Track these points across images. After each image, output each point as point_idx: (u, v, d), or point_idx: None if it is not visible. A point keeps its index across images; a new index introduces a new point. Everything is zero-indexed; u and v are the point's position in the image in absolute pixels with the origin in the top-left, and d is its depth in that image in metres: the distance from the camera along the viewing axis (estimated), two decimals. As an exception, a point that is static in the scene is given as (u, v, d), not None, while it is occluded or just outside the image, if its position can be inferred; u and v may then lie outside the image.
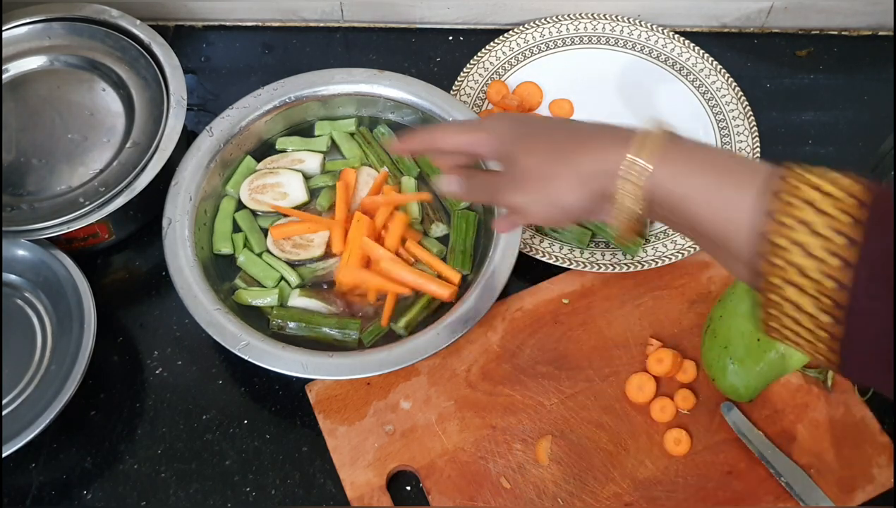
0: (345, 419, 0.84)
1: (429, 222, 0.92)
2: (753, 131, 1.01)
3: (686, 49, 1.08)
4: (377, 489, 0.80)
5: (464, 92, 1.04)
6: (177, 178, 0.89)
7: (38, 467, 0.83)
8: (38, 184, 0.91)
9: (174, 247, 0.85)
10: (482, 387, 0.86)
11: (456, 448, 0.83)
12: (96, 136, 0.95)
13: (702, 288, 0.93)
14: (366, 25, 1.14)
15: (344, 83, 0.97)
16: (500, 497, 0.80)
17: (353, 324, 0.85)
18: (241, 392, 0.87)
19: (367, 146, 0.97)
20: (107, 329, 0.89)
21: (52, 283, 0.86)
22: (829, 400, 0.86)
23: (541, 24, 1.10)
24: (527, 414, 0.85)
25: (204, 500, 0.82)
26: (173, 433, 0.85)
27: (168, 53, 0.97)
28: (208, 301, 0.82)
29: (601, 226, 0.93)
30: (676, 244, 0.94)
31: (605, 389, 0.86)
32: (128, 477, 0.83)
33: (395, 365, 0.80)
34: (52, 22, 0.99)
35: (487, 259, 0.86)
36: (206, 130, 0.92)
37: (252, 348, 0.80)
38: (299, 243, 0.90)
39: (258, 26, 1.14)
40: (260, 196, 0.92)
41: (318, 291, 0.88)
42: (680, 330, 0.90)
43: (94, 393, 0.86)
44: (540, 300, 0.91)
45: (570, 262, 0.92)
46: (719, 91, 1.05)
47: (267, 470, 0.83)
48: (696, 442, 0.83)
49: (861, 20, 1.14)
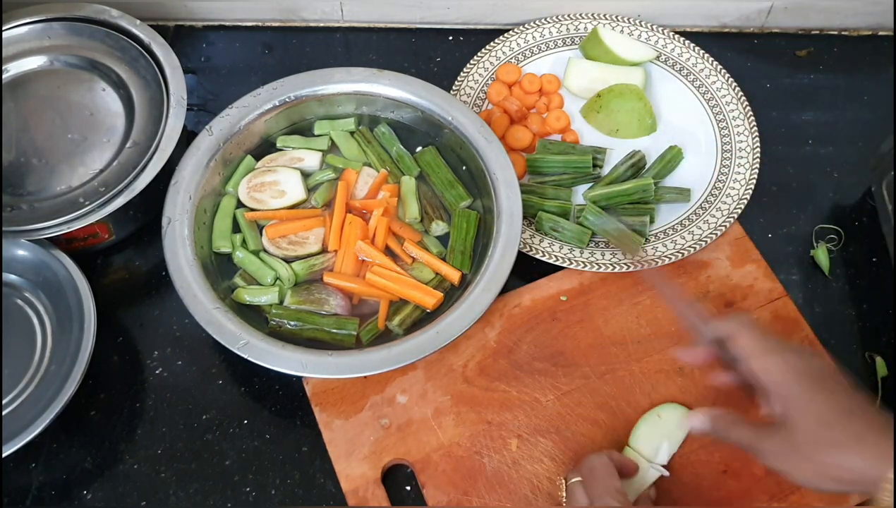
0: (341, 412, 0.84)
1: (429, 221, 0.93)
2: (754, 131, 1.01)
3: (686, 49, 1.08)
4: (372, 482, 0.81)
5: (464, 92, 1.04)
6: (176, 177, 0.89)
7: (38, 467, 0.83)
8: (38, 184, 0.92)
9: (174, 247, 0.85)
10: (479, 383, 0.86)
11: (451, 442, 0.83)
12: (96, 136, 0.95)
13: (700, 288, 0.93)
14: (366, 25, 1.14)
15: (343, 82, 0.97)
16: (494, 493, 0.81)
17: (352, 324, 0.85)
18: (241, 392, 0.88)
19: (367, 145, 0.97)
20: (107, 329, 0.89)
21: (52, 283, 0.86)
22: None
23: (541, 24, 1.10)
24: (523, 411, 0.85)
25: (204, 500, 0.82)
26: (173, 433, 0.85)
27: (168, 53, 0.97)
28: (208, 300, 0.82)
29: (602, 225, 0.93)
30: (676, 244, 0.94)
31: (601, 386, 0.86)
32: (128, 477, 0.83)
33: (394, 364, 0.80)
34: (52, 22, 0.99)
35: (487, 258, 0.86)
36: (205, 129, 0.92)
37: (252, 347, 0.80)
38: (295, 241, 0.90)
39: (258, 26, 1.14)
40: (258, 194, 0.92)
41: (310, 291, 0.88)
42: (677, 328, 0.90)
43: (94, 393, 0.86)
44: (538, 297, 0.92)
45: (570, 262, 0.92)
46: (719, 91, 1.05)
47: (267, 470, 0.83)
48: (690, 441, 0.83)
49: (861, 20, 1.14)
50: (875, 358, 0.90)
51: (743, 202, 0.96)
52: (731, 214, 0.95)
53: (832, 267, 0.96)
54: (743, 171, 0.98)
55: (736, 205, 0.96)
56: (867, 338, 0.92)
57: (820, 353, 0.80)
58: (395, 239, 0.91)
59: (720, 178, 0.99)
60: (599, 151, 1.00)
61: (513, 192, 0.89)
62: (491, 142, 0.92)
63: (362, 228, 0.90)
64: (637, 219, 0.94)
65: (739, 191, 0.97)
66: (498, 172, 0.90)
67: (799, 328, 0.90)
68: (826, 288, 0.95)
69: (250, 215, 0.92)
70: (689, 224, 0.96)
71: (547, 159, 0.98)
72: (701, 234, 0.94)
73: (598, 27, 1.06)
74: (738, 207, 0.96)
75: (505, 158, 0.91)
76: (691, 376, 0.87)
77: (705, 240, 0.93)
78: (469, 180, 0.95)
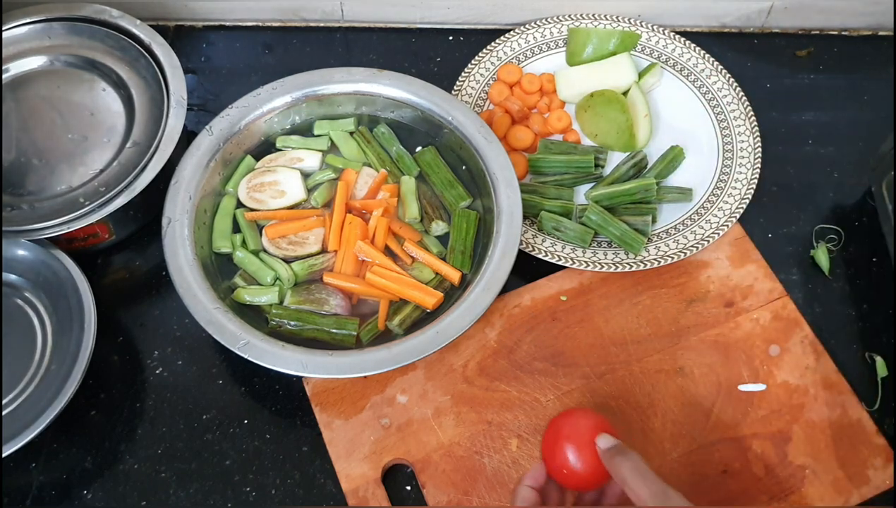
0: (341, 412, 0.84)
1: (429, 221, 0.93)
2: (755, 131, 1.01)
3: (686, 49, 1.08)
4: (372, 482, 0.81)
5: (465, 92, 1.04)
6: (176, 177, 0.89)
7: (38, 467, 0.83)
8: (38, 184, 0.92)
9: (174, 246, 0.85)
10: (479, 383, 0.86)
11: (451, 442, 0.83)
12: (96, 136, 0.95)
13: (700, 288, 0.93)
14: (366, 25, 1.14)
15: (343, 82, 0.97)
16: (494, 493, 0.81)
17: (352, 324, 0.85)
18: (241, 392, 0.88)
19: (367, 145, 0.97)
20: (107, 329, 0.89)
21: (52, 283, 0.87)
22: (826, 401, 0.86)
23: (541, 25, 1.10)
24: (523, 410, 0.85)
25: (204, 500, 0.82)
26: (173, 433, 0.85)
27: (168, 53, 0.97)
28: (208, 300, 0.82)
29: (603, 225, 0.93)
30: (679, 243, 0.94)
31: (601, 386, 0.86)
32: (128, 477, 0.83)
33: (394, 364, 0.80)
34: (52, 22, 0.99)
35: (487, 258, 0.86)
36: (205, 129, 0.92)
37: (252, 347, 0.80)
38: (294, 241, 0.90)
39: (258, 26, 1.14)
40: (258, 194, 0.92)
41: (310, 291, 0.88)
42: (678, 328, 0.90)
43: (94, 393, 0.87)
44: (538, 297, 0.92)
45: (572, 262, 0.92)
46: (720, 91, 1.05)
47: (267, 470, 0.83)
48: (690, 441, 0.83)
49: (861, 20, 1.14)
50: (875, 358, 0.90)
51: (745, 202, 0.96)
52: (733, 214, 0.95)
53: (832, 267, 0.96)
54: (744, 171, 0.98)
55: (738, 205, 0.96)
56: (867, 338, 0.92)
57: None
58: (394, 239, 0.91)
59: (722, 178, 0.99)
60: (601, 151, 1.00)
61: (513, 192, 0.89)
62: (491, 142, 0.92)
63: (362, 228, 0.90)
64: (639, 219, 0.94)
65: (741, 190, 0.97)
66: (498, 172, 0.90)
67: (799, 328, 0.90)
68: (826, 288, 0.95)
69: (250, 215, 0.92)
70: (691, 223, 0.96)
71: (549, 159, 0.98)
72: (703, 234, 0.94)
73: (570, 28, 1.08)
74: (739, 207, 0.96)
75: (505, 158, 0.91)
76: (691, 376, 0.87)
77: (708, 240, 0.93)
78: (469, 180, 0.95)
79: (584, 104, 1.02)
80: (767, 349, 0.89)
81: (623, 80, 1.04)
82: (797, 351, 0.89)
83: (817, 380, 0.87)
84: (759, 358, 0.88)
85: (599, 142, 1.02)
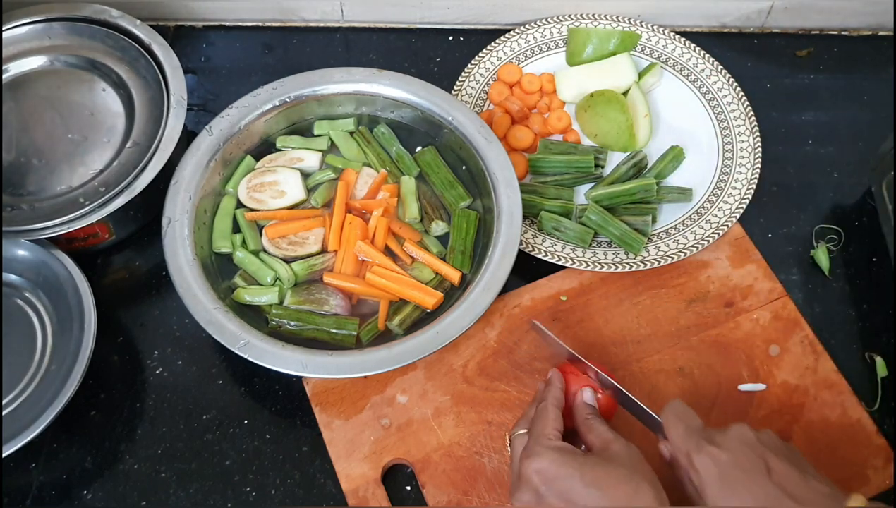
0: (341, 412, 0.84)
1: (429, 221, 0.93)
2: (755, 131, 1.01)
3: (686, 49, 1.08)
4: (372, 482, 0.81)
5: (465, 92, 1.04)
6: (176, 177, 0.89)
7: (38, 467, 0.83)
8: (38, 184, 0.92)
9: (174, 246, 0.85)
10: (478, 383, 0.86)
11: (451, 442, 0.83)
12: (96, 136, 0.95)
13: (700, 288, 0.93)
14: (366, 25, 1.14)
15: (343, 82, 0.97)
16: (494, 493, 0.81)
17: (352, 324, 0.85)
18: (241, 392, 0.88)
19: (367, 145, 0.97)
20: (107, 329, 0.89)
21: (52, 283, 0.86)
22: (826, 401, 0.86)
23: (541, 25, 1.10)
24: (523, 410, 0.85)
25: (204, 500, 0.82)
26: (173, 433, 0.85)
27: (168, 53, 0.97)
28: (208, 300, 0.82)
29: (603, 225, 0.93)
30: (679, 243, 0.94)
31: (603, 387, 0.86)
32: (128, 477, 0.83)
33: (395, 364, 0.80)
34: (52, 22, 0.99)
35: (487, 258, 0.86)
36: (205, 129, 0.92)
37: (252, 347, 0.80)
38: (295, 241, 0.90)
39: (258, 26, 1.14)
40: (258, 194, 0.92)
41: (310, 291, 0.88)
42: (677, 328, 0.90)
43: (94, 393, 0.87)
44: (538, 297, 0.92)
45: (572, 262, 0.92)
46: (720, 91, 1.05)
47: (267, 470, 0.83)
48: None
49: (861, 20, 1.14)
50: (875, 358, 0.90)
51: (745, 202, 0.96)
52: (733, 214, 0.95)
53: (832, 267, 0.96)
54: (744, 171, 0.98)
55: (738, 205, 0.96)
56: (867, 338, 0.92)
57: (766, 430, 0.71)
58: (394, 239, 0.91)
59: (722, 178, 0.99)
60: (601, 151, 1.00)
61: (513, 192, 0.89)
62: (490, 142, 0.92)
63: (362, 228, 0.90)
64: (639, 219, 0.94)
65: (741, 190, 0.97)
66: (497, 172, 0.90)
67: (799, 328, 0.90)
68: (826, 288, 0.95)
69: (250, 215, 0.92)
70: (691, 223, 0.96)
71: (549, 159, 0.98)
72: (703, 234, 0.94)
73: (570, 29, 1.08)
74: (739, 207, 0.96)
75: (504, 158, 0.91)
76: (691, 376, 0.87)
77: (708, 240, 0.93)
78: (469, 180, 0.95)
79: (583, 104, 1.02)
80: (767, 349, 0.89)
81: (623, 80, 1.04)
82: (797, 351, 0.89)
83: (817, 380, 0.87)
84: (758, 358, 0.88)
85: (599, 142, 1.02)
